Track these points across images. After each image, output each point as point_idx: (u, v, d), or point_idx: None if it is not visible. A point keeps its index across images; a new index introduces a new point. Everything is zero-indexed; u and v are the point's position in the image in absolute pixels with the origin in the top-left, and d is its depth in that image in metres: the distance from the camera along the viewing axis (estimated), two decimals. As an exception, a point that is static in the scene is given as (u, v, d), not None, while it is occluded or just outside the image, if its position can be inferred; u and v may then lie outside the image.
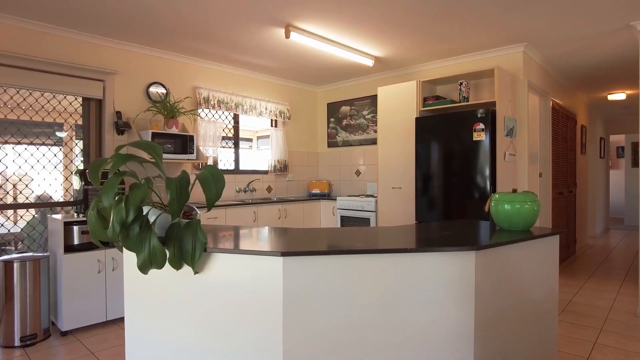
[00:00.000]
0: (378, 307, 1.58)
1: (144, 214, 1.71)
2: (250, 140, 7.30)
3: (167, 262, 1.65)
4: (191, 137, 3.97)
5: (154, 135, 3.69)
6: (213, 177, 1.64)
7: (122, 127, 3.76)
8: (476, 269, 1.68)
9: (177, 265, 1.64)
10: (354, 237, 1.84)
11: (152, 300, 1.80)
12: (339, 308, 1.55)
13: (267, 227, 2.18)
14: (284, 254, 1.51)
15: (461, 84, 3.89)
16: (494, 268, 1.76)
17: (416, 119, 4.01)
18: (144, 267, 1.62)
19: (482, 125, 3.56)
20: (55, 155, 3.57)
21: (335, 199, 4.90)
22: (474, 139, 3.60)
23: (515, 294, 1.87)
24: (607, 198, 8.82)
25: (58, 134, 3.93)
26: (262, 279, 1.55)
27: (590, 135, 7.55)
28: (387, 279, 1.60)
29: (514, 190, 2.20)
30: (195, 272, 1.66)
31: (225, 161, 4.87)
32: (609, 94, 6.35)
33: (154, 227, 1.64)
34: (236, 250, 1.59)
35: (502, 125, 3.66)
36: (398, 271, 1.61)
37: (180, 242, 1.64)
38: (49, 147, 3.54)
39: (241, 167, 5.03)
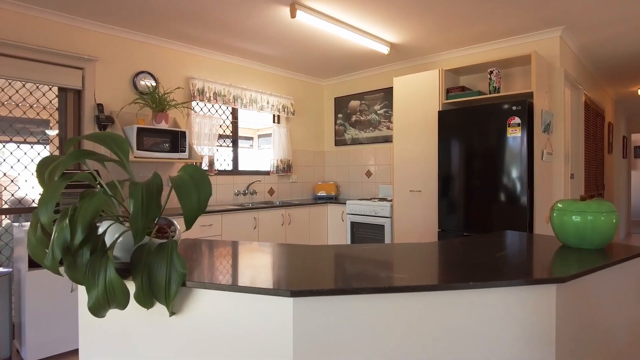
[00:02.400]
0: (430, 368, 1.12)
1: (102, 232, 1.24)
2: (250, 139, 6.85)
3: (133, 299, 1.20)
4: (183, 133, 3.50)
5: (140, 130, 3.22)
6: (194, 182, 1.17)
7: (104, 121, 3.30)
8: (557, 307, 1.23)
9: (146, 303, 1.18)
10: (382, 262, 1.37)
11: (116, 348, 1.34)
12: (373, 370, 1.09)
13: (268, 245, 1.70)
14: (294, 293, 1.05)
15: (491, 72, 3.41)
16: (578, 303, 1.33)
17: (439, 112, 3.53)
18: (97, 309, 1.15)
19: (517, 120, 3.08)
20: (25, 153, 3.10)
21: (345, 203, 4.42)
22: (508, 134, 3.13)
23: (600, 332, 1.44)
24: (629, 201, 8.33)
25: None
26: (264, 325, 1.10)
27: (616, 133, 7.07)
28: (438, 324, 1.14)
29: (583, 198, 1.73)
30: (172, 314, 1.19)
31: (223, 161, 4.40)
32: (640, 88, 5.87)
33: (113, 250, 1.17)
34: (227, 286, 1.12)
35: (540, 120, 3.18)
36: (453, 313, 1.15)
37: (150, 272, 1.18)
38: (18, 144, 3.07)
39: (240, 168, 4.56)
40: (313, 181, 5.31)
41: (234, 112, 4.51)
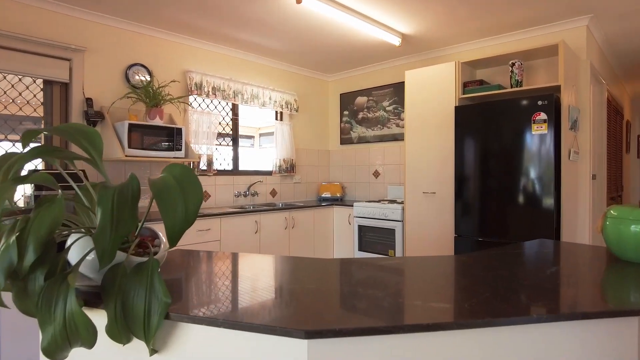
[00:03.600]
0: None
1: (67, 247, 0.99)
2: (251, 137, 6.60)
3: (105, 332, 0.94)
4: (179, 130, 3.24)
5: (132, 126, 2.97)
6: (180, 186, 0.91)
7: (93, 117, 3.04)
8: None
9: (121, 338, 0.92)
10: (410, 283, 1.11)
11: (82, 394, 1.08)
12: None
13: (272, 260, 1.44)
14: (310, 334, 0.80)
15: (513, 64, 3.14)
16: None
17: (456, 108, 3.26)
18: (54, 350, 0.90)
19: (543, 116, 2.81)
20: (7, 152, 2.84)
21: (352, 205, 4.16)
22: (533, 131, 2.86)
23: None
24: (642, 202, 8.05)
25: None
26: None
27: (632, 132, 6.81)
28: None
29: (642, 204, 1.46)
30: (153, 352, 0.94)
31: (222, 160, 4.14)
32: (660, 84, 5.60)
33: (76, 274, 0.92)
34: (221, 322, 0.86)
35: (567, 116, 2.92)
36: (508, 353, 0.89)
37: (125, 299, 0.92)
38: (-2, 141, 2.82)
39: (241, 168, 4.30)
40: (317, 181, 5.05)
41: (234, 109, 4.25)
